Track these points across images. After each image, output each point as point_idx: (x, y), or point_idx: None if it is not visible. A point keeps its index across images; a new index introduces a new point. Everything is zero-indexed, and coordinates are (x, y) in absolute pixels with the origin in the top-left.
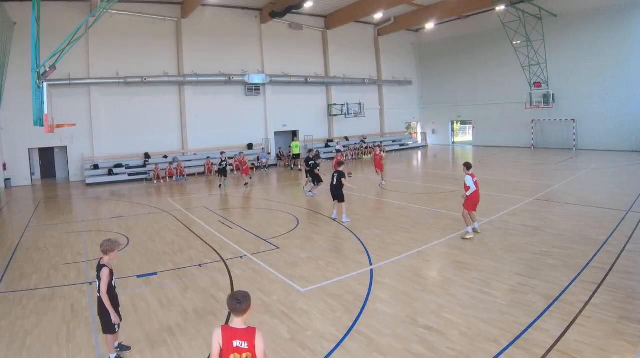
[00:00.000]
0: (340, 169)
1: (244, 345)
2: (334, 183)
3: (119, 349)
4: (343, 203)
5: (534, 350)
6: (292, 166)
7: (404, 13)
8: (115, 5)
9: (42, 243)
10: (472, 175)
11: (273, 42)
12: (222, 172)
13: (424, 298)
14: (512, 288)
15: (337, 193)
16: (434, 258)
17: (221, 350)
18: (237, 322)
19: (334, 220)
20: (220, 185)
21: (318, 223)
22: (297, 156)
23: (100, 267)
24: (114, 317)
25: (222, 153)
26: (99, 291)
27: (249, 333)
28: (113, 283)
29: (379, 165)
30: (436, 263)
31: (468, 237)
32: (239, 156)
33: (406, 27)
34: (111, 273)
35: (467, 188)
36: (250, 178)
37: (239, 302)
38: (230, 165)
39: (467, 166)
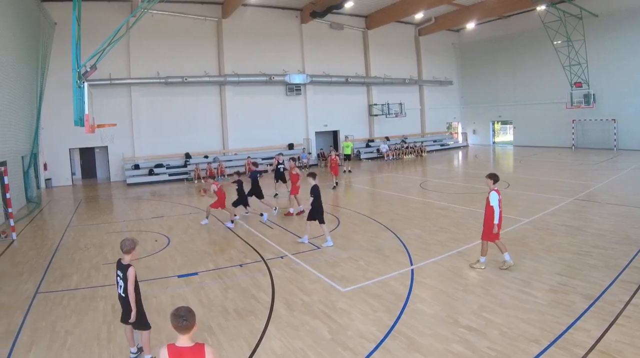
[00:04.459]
0: None
1: None
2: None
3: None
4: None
5: (574, 350)
6: (345, 170)
7: (445, 13)
8: (155, 5)
9: (83, 243)
10: (499, 192)
11: (313, 42)
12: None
13: (464, 298)
14: (553, 288)
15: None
16: (474, 258)
17: None
18: (183, 340)
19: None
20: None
21: (358, 223)
22: (349, 157)
23: (126, 267)
24: (133, 315)
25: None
26: (124, 291)
27: (197, 351)
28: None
29: (334, 169)
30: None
31: (477, 266)
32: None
33: (447, 27)
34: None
35: (490, 211)
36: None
37: (184, 318)
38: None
39: (494, 178)
